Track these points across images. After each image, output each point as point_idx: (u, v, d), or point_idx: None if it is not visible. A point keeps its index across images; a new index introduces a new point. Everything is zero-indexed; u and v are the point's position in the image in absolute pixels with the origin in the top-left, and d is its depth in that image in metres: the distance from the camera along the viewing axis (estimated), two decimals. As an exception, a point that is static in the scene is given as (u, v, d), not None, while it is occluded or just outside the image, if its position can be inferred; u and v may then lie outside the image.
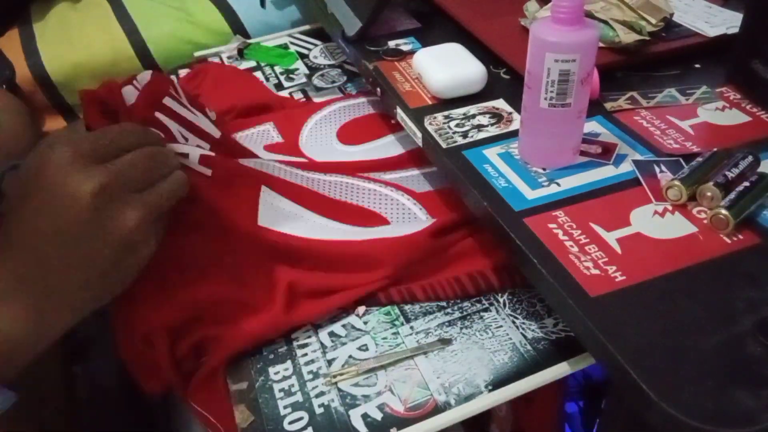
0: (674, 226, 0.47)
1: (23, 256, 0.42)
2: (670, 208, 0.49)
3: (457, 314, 0.55)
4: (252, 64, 0.93)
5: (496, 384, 0.48)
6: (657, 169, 0.53)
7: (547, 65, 0.48)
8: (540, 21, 0.49)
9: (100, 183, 0.42)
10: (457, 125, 0.60)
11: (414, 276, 0.57)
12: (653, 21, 0.66)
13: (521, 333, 0.52)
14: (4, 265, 0.42)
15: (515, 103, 0.61)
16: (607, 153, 0.55)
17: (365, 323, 0.54)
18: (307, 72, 0.89)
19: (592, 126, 0.59)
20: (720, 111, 0.60)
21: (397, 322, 0.54)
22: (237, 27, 1.00)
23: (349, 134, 0.76)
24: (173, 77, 0.84)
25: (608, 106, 0.61)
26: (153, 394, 0.53)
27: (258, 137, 0.77)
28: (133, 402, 0.74)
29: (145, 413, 0.75)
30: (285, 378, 0.51)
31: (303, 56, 0.93)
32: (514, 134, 0.58)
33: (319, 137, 0.77)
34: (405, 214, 0.63)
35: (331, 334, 0.54)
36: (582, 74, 0.48)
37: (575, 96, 0.49)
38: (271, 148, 0.74)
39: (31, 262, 0.42)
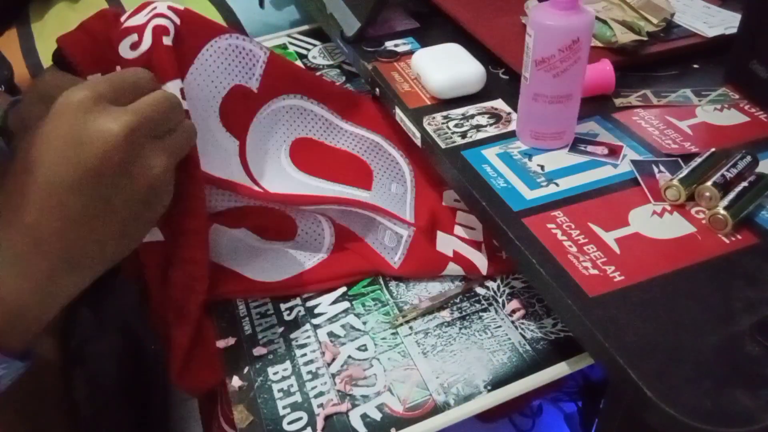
0: (673, 226, 0.48)
1: (42, 211, 0.39)
2: (668, 208, 0.49)
3: (456, 314, 0.55)
4: (251, 64, 0.93)
5: (495, 384, 0.48)
6: (655, 169, 0.53)
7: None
8: (539, 17, 0.50)
9: (128, 124, 0.39)
10: (455, 125, 0.60)
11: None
12: (654, 21, 0.66)
13: (520, 333, 0.52)
14: (20, 224, 0.39)
15: (514, 103, 0.61)
16: (613, 154, 0.55)
17: (364, 323, 0.54)
18: (305, 72, 0.89)
19: (591, 126, 0.59)
20: (718, 111, 0.60)
21: (396, 322, 0.54)
22: (236, 27, 1.00)
23: (305, 158, 0.64)
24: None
25: (617, 101, 0.61)
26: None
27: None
28: (133, 403, 0.74)
29: (145, 414, 0.75)
30: (284, 378, 0.51)
31: (302, 56, 0.93)
32: (512, 134, 0.58)
33: (264, 147, 0.62)
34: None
35: (330, 334, 0.54)
36: None
37: None
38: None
39: (51, 217, 0.39)
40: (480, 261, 0.59)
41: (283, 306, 0.57)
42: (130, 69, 0.46)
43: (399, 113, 0.64)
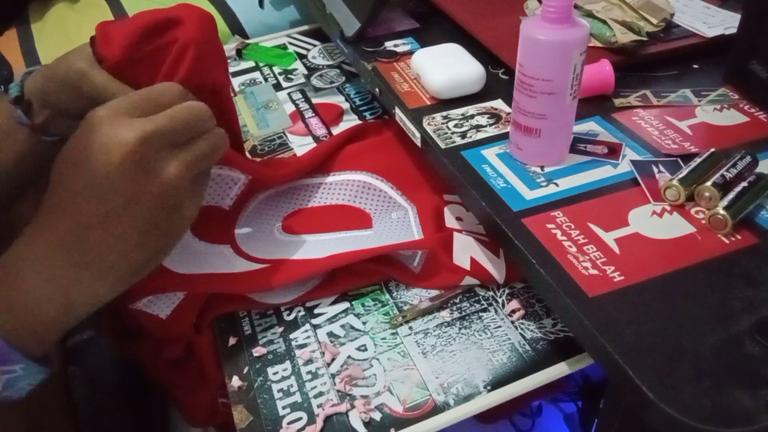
0: (672, 227, 0.48)
1: (61, 220, 0.41)
2: (668, 208, 0.49)
3: (456, 314, 0.55)
4: (250, 64, 0.93)
5: (495, 384, 0.48)
6: (655, 170, 0.53)
7: (573, 62, 0.49)
8: (533, 30, 0.49)
9: (141, 132, 0.41)
10: (455, 125, 0.60)
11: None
12: (654, 21, 0.66)
13: (520, 333, 0.52)
14: (47, 230, 0.41)
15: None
16: (613, 153, 0.55)
17: (364, 323, 0.54)
18: (305, 72, 0.89)
19: (590, 126, 0.59)
20: (718, 111, 0.60)
21: (395, 322, 0.54)
22: (235, 27, 1.00)
23: (300, 224, 0.64)
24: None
25: (617, 102, 0.61)
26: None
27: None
28: (132, 402, 0.74)
29: (144, 413, 0.75)
30: (284, 378, 0.51)
31: (302, 56, 0.94)
32: (512, 134, 0.58)
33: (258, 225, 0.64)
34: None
35: (330, 334, 0.54)
36: None
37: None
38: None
39: (69, 224, 0.41)
40: (498, 267, 0.57)
41: (282, 306, 0.57)
42: (159, 84, 0.47)
43: (399, 113, 0.64)
